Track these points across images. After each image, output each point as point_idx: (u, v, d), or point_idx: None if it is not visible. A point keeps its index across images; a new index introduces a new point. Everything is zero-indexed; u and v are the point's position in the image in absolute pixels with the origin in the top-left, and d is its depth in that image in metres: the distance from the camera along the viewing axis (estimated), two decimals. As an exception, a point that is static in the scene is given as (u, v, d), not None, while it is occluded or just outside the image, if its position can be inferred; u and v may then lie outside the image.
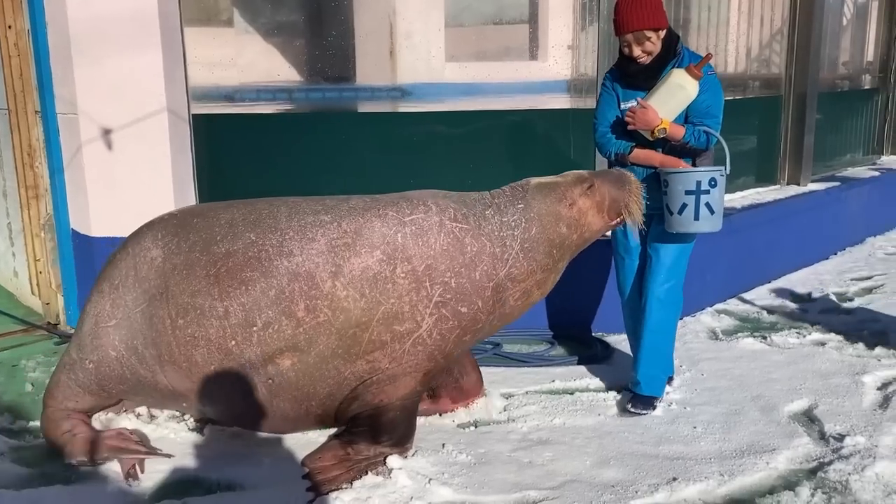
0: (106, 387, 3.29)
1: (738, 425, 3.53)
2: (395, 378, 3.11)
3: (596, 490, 3.00)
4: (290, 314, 2.99)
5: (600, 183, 3.28)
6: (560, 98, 5.61)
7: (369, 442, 3.10)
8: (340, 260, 3.01)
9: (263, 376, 3.08)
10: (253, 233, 3.07)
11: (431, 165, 5.21)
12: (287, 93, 5.42)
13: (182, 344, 3.07)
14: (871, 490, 2.98)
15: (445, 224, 3.10)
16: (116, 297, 3.19)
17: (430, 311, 3.04)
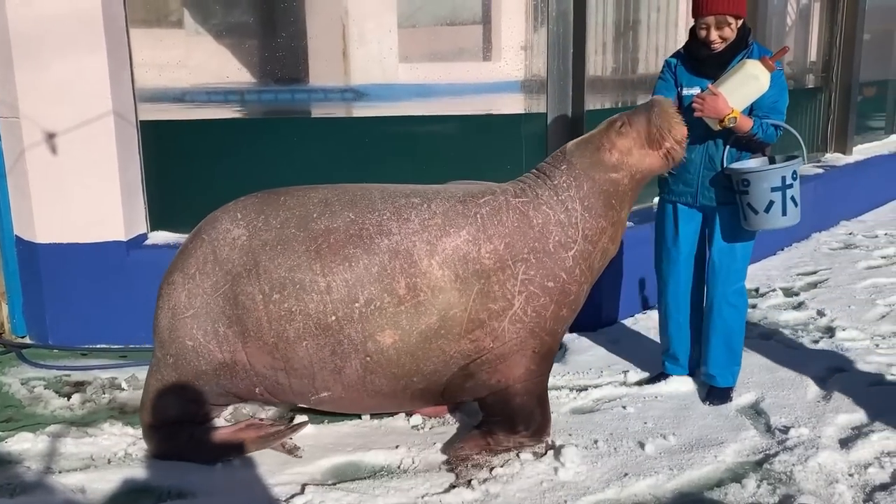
0: (186, 385, 3.24)
1: (688, 420, 3.60)
2: (504, 357, 3.17)
3: (548, 485, 3.03)
4: (392, 292, 3.05)
5: (630, 118, 3.25)
6: (513, 99, 5.64)
7: (507, 432, 3.23)
8: (434, 239, 3.09)
9: (362, 353, 3.10)
10: (351, 212, 3.13)
11: (384, 170, 5.20)
12: (238, 94, 5.35)
13: (275, 319, 3.07)
14: (814, 480, 3.06)
15: (510, 201, 3.19)
16: (192, 286, 3.18)
17: (519, 289, 3.12)
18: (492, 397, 3.24)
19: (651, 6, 6.72)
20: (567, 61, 5.05)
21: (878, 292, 5.43)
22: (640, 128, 3.22)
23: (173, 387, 3.26)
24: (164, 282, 3.30)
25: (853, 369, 4.10)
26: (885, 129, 10.06)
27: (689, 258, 3.80)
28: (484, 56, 5.85)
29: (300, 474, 3.17)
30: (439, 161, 5.29)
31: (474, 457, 3.22)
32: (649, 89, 6.81)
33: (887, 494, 2.93)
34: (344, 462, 3.27)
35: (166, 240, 4.90)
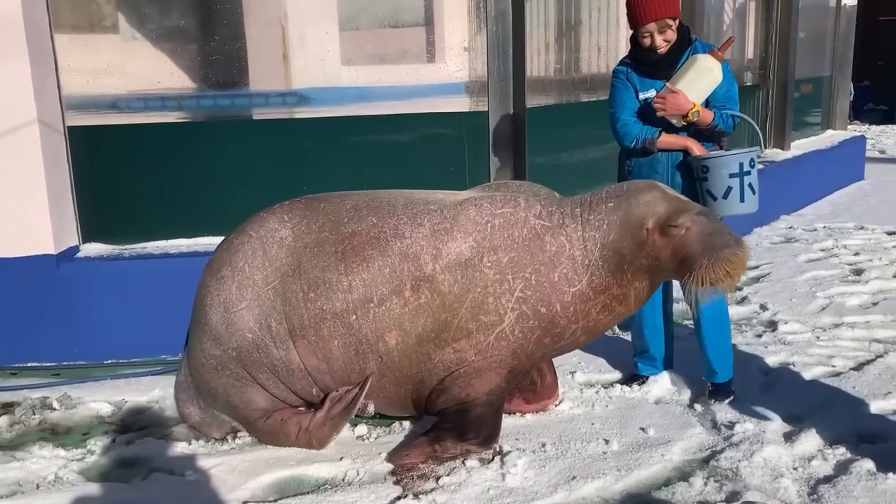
0: (254, 374, 3.29)
1: (635, 419, 3.58)
2: (481, 372, 3.17)
3: (496, 492, 2.98)
4: (400, 293, 3.12)
5: (691, 233, 2.98)
6: (457, 100, 5.60)
7: (456, 439, 3.20)
8: (440, 243, 3.13)
9: (376, 353, 3.18)
10: (375, 216, 3.23)
11: (329, 171, 5.12)
12: (176, 100, 5.21)
13: (312, 316, 3.17)
14: (760, 475, 3.07)
15: (530, 220, 3.17)
16: (242, 278, 3.24)
17: (512, 307, 3.10)
18: (454, 407, 3.21)
19: (592, 6, 6.75)
20: (507, 61, 5.03)
21: (818, 285, 5.53)
22: (687, 248, 2.98)
23: (248, 380, 3.31)
24: (209, 278, 3.35)
25: (796, 362, 4.14)
26: (821, 125, 10.30)
27: None
28: (427, 58, 5.81)
29: (241, 490, 3.07)
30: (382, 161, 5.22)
31: (420, 466, 3.16)
32: (591, 89, 6.88)
33: (830, 486, 2.94)
34: (286, 476, 3.18)
35: (100, 252, 4.73)
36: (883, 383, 3.83)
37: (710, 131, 3.59)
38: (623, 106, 3.69)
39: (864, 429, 3.40)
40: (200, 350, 3.36)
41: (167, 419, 3.74)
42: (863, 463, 3.07)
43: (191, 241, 4.90)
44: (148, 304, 4.49)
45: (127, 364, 4.43)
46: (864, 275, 5.72)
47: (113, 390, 4.03)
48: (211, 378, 3.37)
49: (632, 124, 3.65)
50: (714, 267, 2.92)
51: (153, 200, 4.92)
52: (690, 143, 3.60)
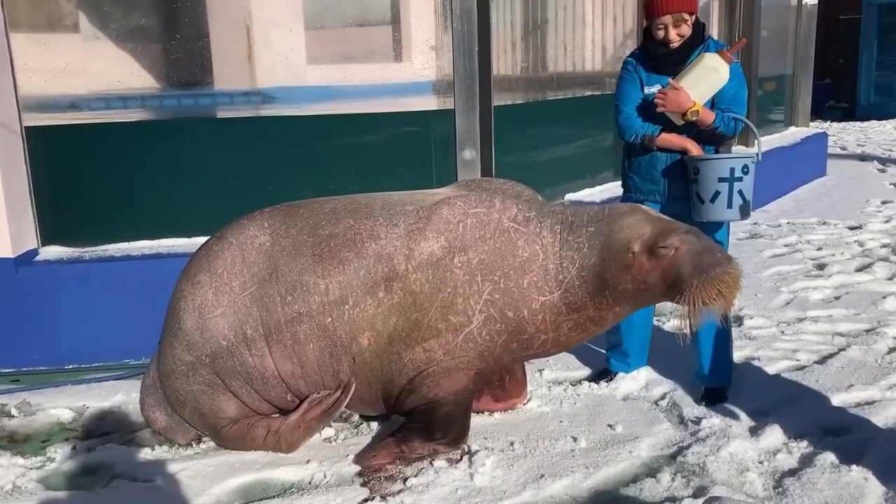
0: (227, 382, 3.26)
1: (602, 416, 3.59)
2: (449, 372, 3.15)
3: (464, 492, 2.96)
4: (373, 293, 3.11)
5: (680, 253, 2.90)
6: (423, 99, 5.58)
7: (423, 439, 3.19)
8: (413, 244, 3.12)
9: (349, 355, 3.17)
10: (352, 218, 3.23)
11: (295, 171, 5.07)
12: (139, 100, 5.13)
13: (289, 320, 3.16)
14: (726, 469, 3.09)
15: (503, 222, 3.14)
16: (220, 284, 3.22)
17: (480, 308, 3.09)
18: (422, 407, 3.20)
19: (557, 5, 6.77)
20: (473, 59, 5.01)
21: (782, 280, 5.59)
22: (676, 269, 2.91)
23: (220, 387, 3.27)
24: (185, 283, 3.31)
25: (761, 357, 4.18)
26: (784, 122, 10.44)
27: None
28: (393, 56, 5.79)
29: (206, 496, 3.03)
30: (349, 160, 5.19)
31: (387, 467, 3.14)
32: (558, 87, 6.90)
33: (795, 479, 2.97)
34: (252, 481, 3.13)
35: (60, 255, 4.63)
36: (845, 376, 3.88)
37: (711, 133, 3.52)
38: (627, 98, 3.64)
39: (828, 422, 3.44)
40: (172, 355, 3.30)
41: (130, 424, 3.67)
42: (826, 456, 3.11)
43: (154, 243, 4.82)
44: (110, 307, 4.41)
45: (88, 369, 4.34)
46: (827, 269, 5.80)
47: (74, 396, 3.95)
48: (181, 384, 3.30)
49: (634, 118, 3.61)
50: (706, 286, 2.82)
51: (115, 202, 4.84)
52: (690, 145, 3.52)
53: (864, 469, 3.00)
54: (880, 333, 4.45)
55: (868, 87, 18.72)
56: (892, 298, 5.05)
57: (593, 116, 6.89)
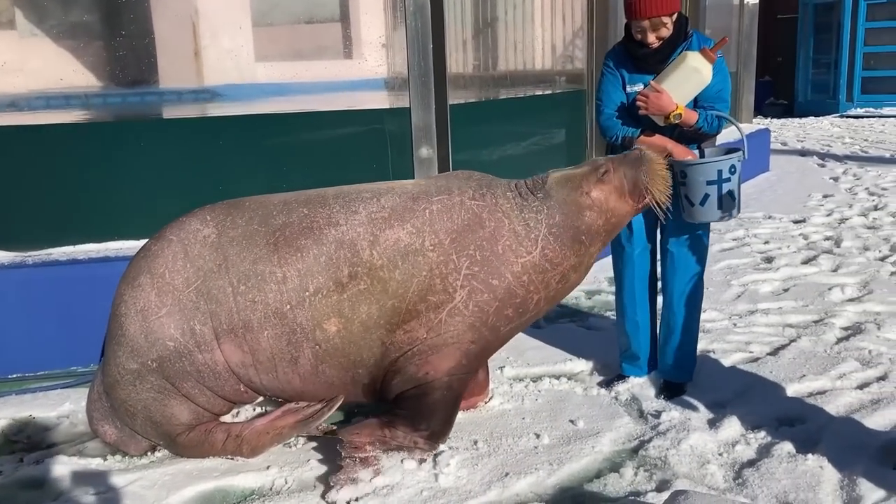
0: (177, 385, 3.18)
1: (564, 412, 3.60)
2: (437, 348, 3.14)
3: (429, 494, 2.93)
4: (337, 280, 3.10)
5: (616, 167, 3.22)
6: (376, 96, 5.54)
7: (408, 427, 3.16)
8: (377, 231, 3.13)
9: (312, 342, 3.13)
10: (305, 208, 3.22)
11: (247, 170, 4.97)
12: (82, 99, 4.98)
13: (242, 309, 3.11)
14: (688, 462, 3.12)
15: (465, 202, 3.20)
16: (162, 284, 3.15)
17: (462, 283, 3.11)
18: (413, 390, 3.16)
19: (507, 3, 6.79)
20: (427, 56, 4.99)
21: (732, 273, 5.70)
22: (625, 179, 3.21)
23: (171, 392, 3.19)
24: (125, 287, 3.23)
25: (716, 349, 4.24)
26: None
27: (644, 254, 3.76)
28: (344, 54, 5.74)
29: (163, 506, 2.93)
30: (303, 159, 5.11)
31: (366, 447, 3.10)
32: (511, 84, 6.92)
33: (754, 470, 3.02)
34: (210, 489, 3.05)
35: (1, 260, 4.46)
36: (797, 367, 3.97)
37: (695, 133, 3.48)
38: (608, 98, 3.61)
39: (783, 412, 3.51)
40: (116, 365, 3.19)
41: (79, 435, 3.55)
42: (783, 445, 3.17)
43: (100, 246, 4.67)
44: (55, 313, 4.26)
45: (34, 378, 4.18)
46: (775, 262, 5.93)
47: (18, 406, 3.80)
48: (128, 395, 3.19)
49: (615, 119, 3.59)
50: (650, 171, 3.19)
51: (58, 204, 4.68)
52: (671, 146, 3.46)
53: (820, 457, 3.06)
54: (828, 324, 4.56)
55: (805, 84, 19.29)
56: (837, 290, 5.19)
57: (547, 115, 6.93)
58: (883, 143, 12.79)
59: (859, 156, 11.56)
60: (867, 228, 7.02)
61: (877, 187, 8.97)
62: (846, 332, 4.45)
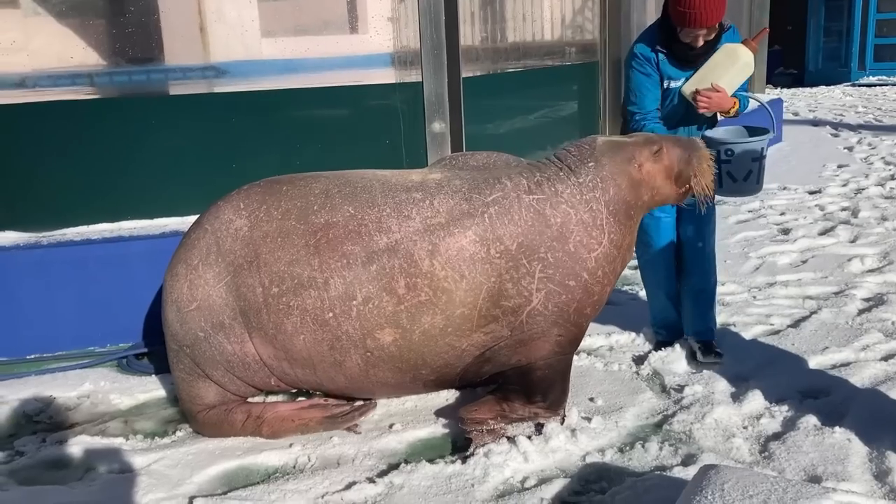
0: (207, 371, 3.18)
1: (585, 387, 3.57)
2: (524, 342, 3.09)
3: (454, 471, 2.92)
4: (391, 291, 2.97)
5: (669, 148, 3.19)
6: (384, 71, 5.48)
7: (523, 401, 3.14)
8: (437, 239, 2.99)
9: (361, 349, 3.04)
10: (351, 206, 3.04)
11: (259, 147, 4.93)
12: (88, 77, 4.94)
13: (274, 312, 3.02)
14: (712, 436, 3.10)
15: (523, 199, 3.06)
16: (194, 277, 3.10)
17: (537, 287, 3.02)
18: (512, 371, 3.15)
19: (516, -26, 6.68)
20: (440, 29, 4.92)
21: (749, 245, 5.65)
22: (676, 162, 3.19)
23: (200, 375, 3.20)
24: (167, 273, 3.22)
25: (736, 322, 4.21)
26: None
27: (672, 220, 3.82)
28: (351, 28, 5.67)
29: (187, 485, 2.93)
30: (314, 135, 5.07)
31: (489, 422, 3.09)
32: (521, 56, 6.84)
33: (780, 443, 3.00)
34: (234, 467, 3.04)
35: (16, 241, 4.43)
36: (819, 339, 3.93)
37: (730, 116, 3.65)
38: (646, 95, 3.60)
39: (807, 385, 3.48)
40: (166, 339, 3.27)
41: (100, 415, 3.54)
42: (809, 418, 3.14)
43: (114, 226, 4.65)
44: (71, 293, 4.24)
45: (52, 358, 4.17)
46: (792, 234, 5.87)
47: (39, 386, 3.79)
48: (172, 366, 3.29)
49: (649, 119, 3.59)
50: (699, 161, 3.18)
51: (70, 184, 4.65)
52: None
53: (847, 430, 3.04)
54: (849, 295, 4.52)
55: (816, 53, 19.04)
56: (856, 261, 5.13)
57: (559, 86, 6.85)
58: (896, 112, 12.63)
59: (873, 125, 11.42)
60: (885, 198, 6.95)
61: (893, 156, 8.86)
62: (868, 304, 4.41)
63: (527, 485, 2.85)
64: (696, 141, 3.27)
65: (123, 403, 3.65)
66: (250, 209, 3.11)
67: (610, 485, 2.81)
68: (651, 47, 3.61)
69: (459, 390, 3.53)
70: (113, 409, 3.59)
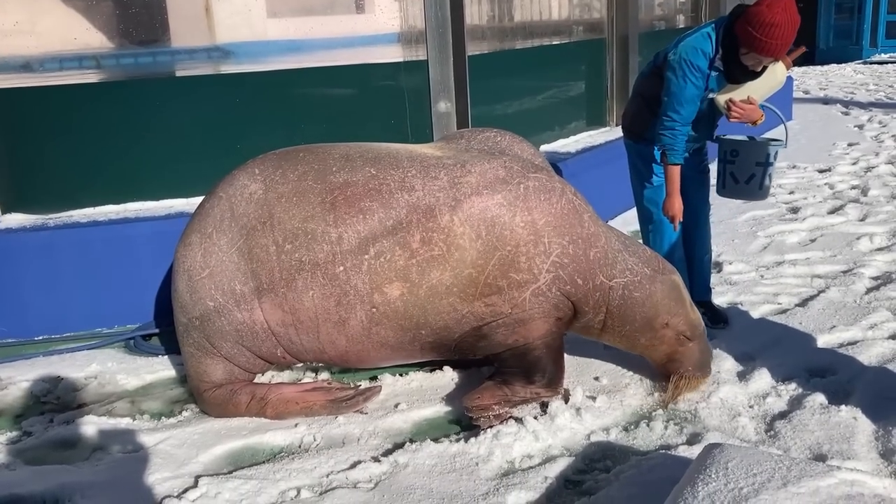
0: (216, 345, 3.18)
1: (589, 368, 3.57)
2: (523, 321, 3.10)
3: (457, 449, 2.93)
4: (405, 244, 2.97)
5: (694, 348, 3.24)
6: (389, 50, 5.45)
7: (523, 382, 3.15)
8: (462, 196, 2.98)
9: (368, 304, 3.04)
10: (374, 168, 3.06)
11: (265, 127, 4.92)
12: (94, 59, 4.92)
13: (286, 268, 3.03)
14: (718, 415, 3.09)
15: (567, 193, 3.10)
16: (209, 245, 3.11)
17: (548, 269, 3.03)
18: (509, 353, 3.17)
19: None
20: (445, 7, 4.88)
21: (757, 224, 5.61)
22: (681, 356, 3.24)
23: (209, 349, 3.20)
24: (179, 244, 3.22)
25: (743, 301, 4.19)
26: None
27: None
28: (356, 8, 5.63)
29: (193, 464, 2.94)
30: (320, 115, 5.05)
31: (493, 407, 3.11)
32: (528, 34, 6.77)
33: (786, 422, 2.98)
34: (240, 447, 3.06)
35: (23, 223, 4.45)
36: (827, 318, 3.91)
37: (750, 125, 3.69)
38: (691, 106, 3.56)
39: (814, 363, 3.46)
40: (175, 316, 3.27)
41: (107, 395, 3.56)
42: (815, 397, 3.13)
43: (119, 208, 4.66)
44: (78, 275, 4.26)
45: (59, 339, 4.20)
46: (801, 213, 5.83)
47: (46, 368, 3.81)
48: (181, 343, 3.29)
49: (682, 136, 3.58)
50: (693, 379, 3.23)
51: (76, 166, 4.66)
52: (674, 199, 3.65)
53: (853, 408, 3.02)
54: (857, 274, 4.48)
55: (827, 30, 18.84)
56: (865, 239, 5.09)
57: (563, 65, 6.79)
58: (908, 90, 12.49)
59: (884, 102, 11.30)
60: (895, 176, 6.88)
61: (903, 134, 8.78)
62: (876, 282, 4.38)
63: (531, 463, 2.85)
64: (710, 370, 3.32)
65: (130, 384, 3.67)
66: (266, 174, 3.13)
67: (614, 463, 2.81)
68: (708, 61, 3.50)
69: (464, 370, 3.53)
70: (120, 390, 3.61)
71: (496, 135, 3.34)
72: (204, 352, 3.21)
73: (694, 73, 3.49)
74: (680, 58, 3.52)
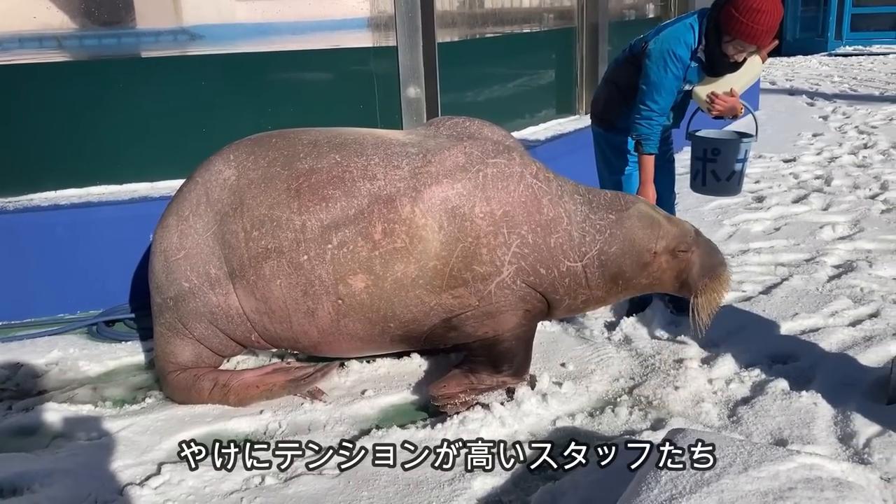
0: (188, 326, 3.17)
1: (556, 353, 3.59)
2: (491, 314, 3.09)
3: (425, 437, 2.93)
4: (367, 236, 2.95)
5: (696, 254, 3.14)
6: (359, 35, 5.39)
7: (490, 371, 3.16)
8: (421, 186, 2.96)
9: (333, 295, 3.02)
10: (338, 154, 3.05)
11: (231, 111, 4.85)
12: (56, 40, 4.80)
13: (254, 256, 3.03)
14: (682, 401, 3.13)
15: (526, 177, 3.06)
16: (185, 227, 3.12)
17: (510, 260, 3.01)
18: (478, 343, 3.17)
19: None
20: (414, -8, 4.83)
21: (723, 213, 5.68)
22: (691, 271, 3.14)
23: (180, 330, 3.20)
24: (157, 226, 3.24)
25: (708, 289, 4.22)
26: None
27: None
28: (326, -8, 5.55)
29: (156, 451, 2.91)
30: (287, 99, 4.99)
31: (460, 395, 3.10)
32: (498, 22, 6.75)
33: (748, 408, 3.03)
34: (204, 434, 3.03)
35: (-19, 207, 4.35)
36: (790, 305, 3.97)
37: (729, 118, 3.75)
38: (670, 96, 3.56)
39: (776, 350, 3.52)
40: (151, 296, 3.28)
41: (68, 382, 3.51)
42: (777, 383, 3.17)
43: (82, 192, 4.57)
44: (39, 259, 4.17)
45: (20, 325, 4.12)
46: (766, 202, 5.90)
47: (6, 354, 3.74)
48: (154, 322, 3.29)
49: (657, 127, 3.58)
50: (713, 285, 3.14)
51: (38, 148, 4.55)
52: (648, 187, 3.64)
53: (814, 394, 3.07)
54: (819, 262, 4.56)
55: (794, 22, 19.05)
56: (828, 228, 5.18)
57: (537, 53, 6.78)
58: (872, 82, 12.70)
59: (848, 94, 11.48)
60: (857, 167, 7.00)
61: (866, 125, 8.93)
62: (838, 270, 4.45)
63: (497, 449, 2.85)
64: (724, 262, 3.20)
65: (92, 370, 3.61)
66: (239, 160, 3.14)
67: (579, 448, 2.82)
68: (690, 52, 3.51)
69: (431, 356, 3.53)
70: (82, 377, 3.55)
71: (465, 120, 3.32)
72: (174, 332, 3.20)
73: (675, 62, 3.50)
74: (662, 47, 3.51)
